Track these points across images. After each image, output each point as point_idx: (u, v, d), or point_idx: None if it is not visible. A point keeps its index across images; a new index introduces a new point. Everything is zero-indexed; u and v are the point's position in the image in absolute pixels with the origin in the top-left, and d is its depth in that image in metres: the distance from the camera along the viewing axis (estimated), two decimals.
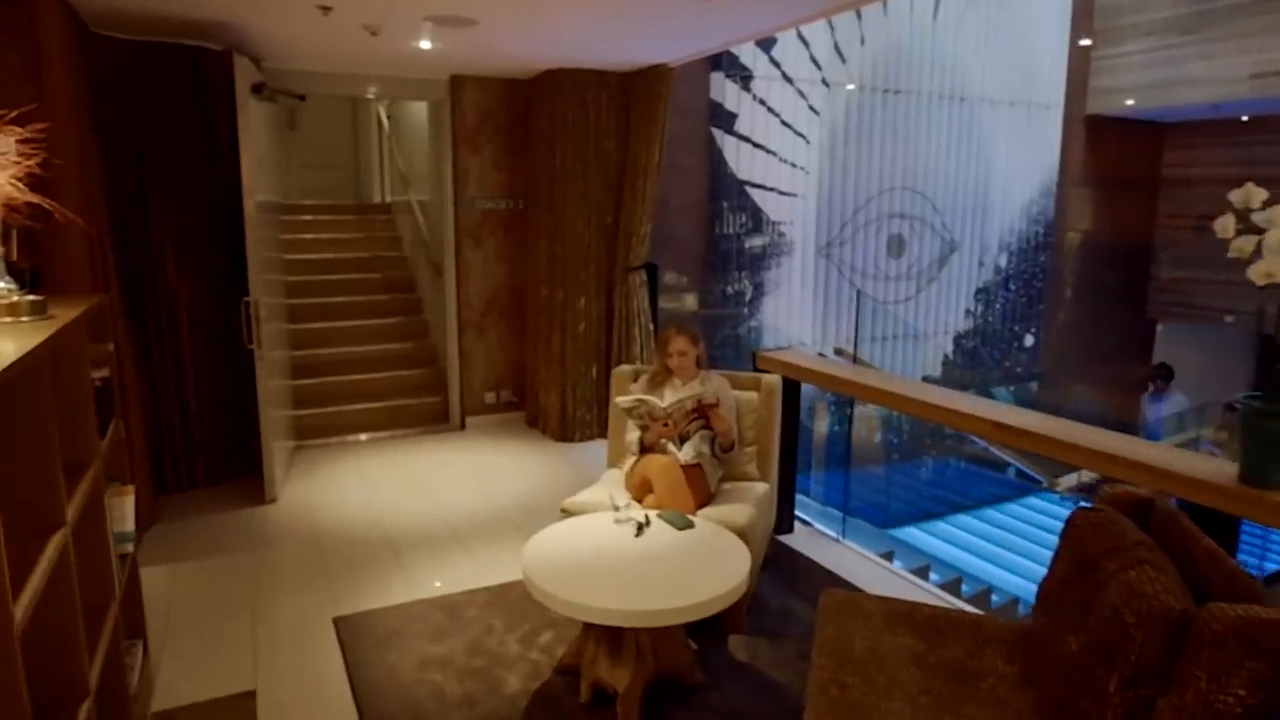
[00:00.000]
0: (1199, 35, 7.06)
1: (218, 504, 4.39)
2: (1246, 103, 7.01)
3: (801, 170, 6.32)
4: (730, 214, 6.01)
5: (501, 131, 5.65)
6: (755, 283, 6.28)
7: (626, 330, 5.51)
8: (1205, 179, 8.62)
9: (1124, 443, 2.50)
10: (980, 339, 7.64)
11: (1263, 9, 6.69)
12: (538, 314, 5.67)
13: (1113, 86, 7.89)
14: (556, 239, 5.40)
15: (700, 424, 3.31)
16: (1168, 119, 8.40)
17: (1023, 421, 2.73)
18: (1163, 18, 7.36)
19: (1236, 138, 8.28)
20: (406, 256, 7.30)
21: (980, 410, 2.94)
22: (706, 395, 3.25)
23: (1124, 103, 7.84)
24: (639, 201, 5.30)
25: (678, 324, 3.58)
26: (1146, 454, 2.37)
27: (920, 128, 7.00)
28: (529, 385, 5.90)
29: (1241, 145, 8.19)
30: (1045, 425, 2.70)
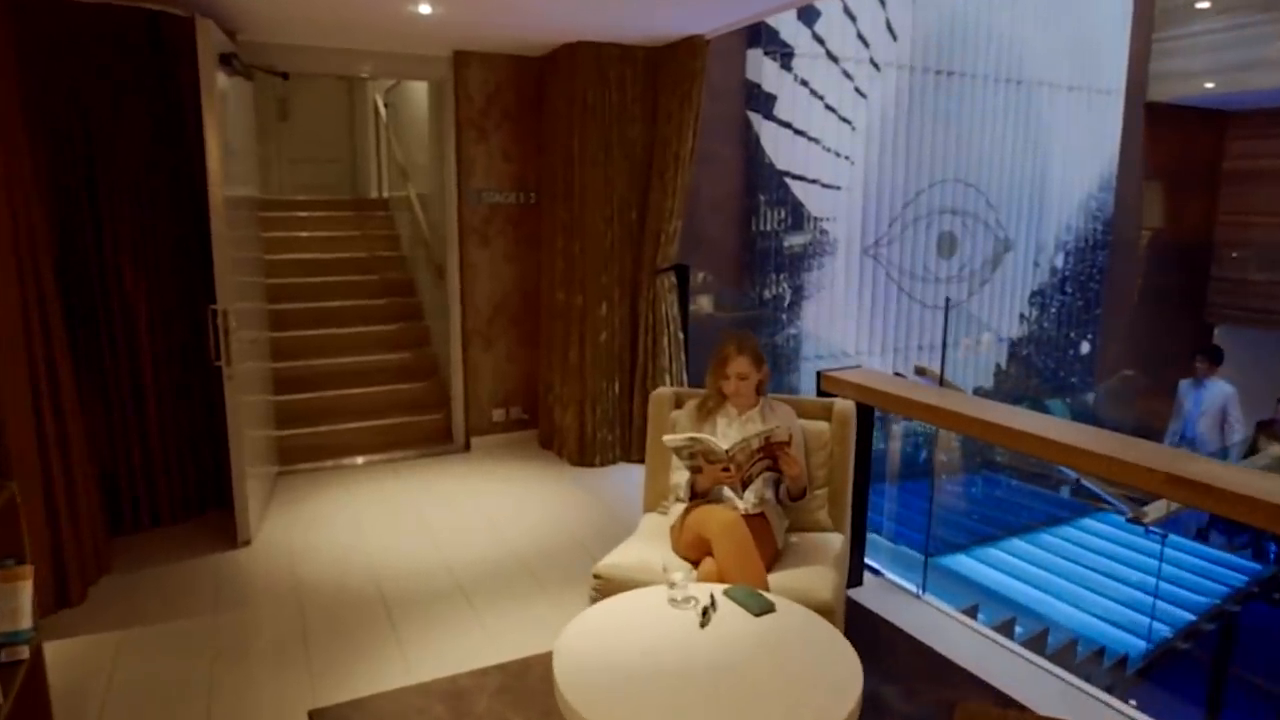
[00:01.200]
0: None
1: (181, 548, 3.75)
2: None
3: (846, 160, 5.68)
4: (768, 209, 5.37)
5: (511, 116, 5.01)
6: (794, 285, 5.64)
7: (654, 341, 4.86)
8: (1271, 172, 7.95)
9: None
10: (1035, 346, 7.00)
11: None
12: (552, 321, 5.03)
13: (1176, 71, 7.24)
14: (574, 237, 4.76)
15: (765, 464, 2.67)
16: (1233, 107, 7.74)
17: (1148, 459, 2.09)
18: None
19: None
20: (405, 256, 6.66)
21: (1116, 451, 2.30)
22: (777, 432, 2.60)
23: (1188, 89, 7.19)
24: (668, 195, 4.65)
25: (738, 339, 2.93)
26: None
27: (974, 113, 6.34)
28: (542, 402, 5.26)
29: None
30: (1172, 464, 2.08)
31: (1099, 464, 2.39)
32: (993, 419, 2.75)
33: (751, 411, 2.91)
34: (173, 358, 3.94)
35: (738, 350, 2.86)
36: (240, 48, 4.09)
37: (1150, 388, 7.39)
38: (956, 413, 2.89)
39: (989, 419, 2.75)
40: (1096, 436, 2.53)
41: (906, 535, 5.57)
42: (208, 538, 3.84)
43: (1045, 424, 2.69)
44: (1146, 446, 2.36)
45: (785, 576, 2.51)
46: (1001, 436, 2.74)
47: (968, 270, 6.51)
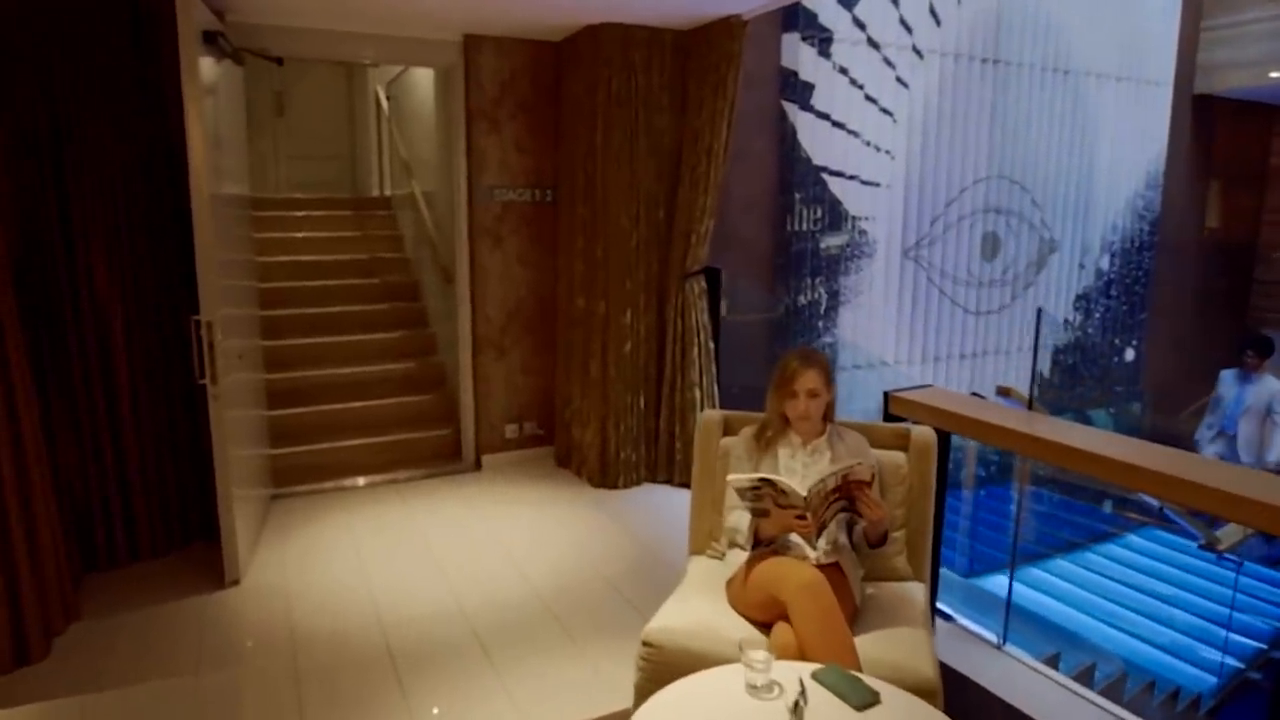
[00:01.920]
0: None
1: (163, 588, 3.34)
2: None
3: (886, 155, 5.28)
4: (803, 207, 4.96)
5: (526, 105, 4.60)
6: (831, 290, 5.24)
7: (682, 352, 4.45)
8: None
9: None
10: (1079, 353, 6.61)
11: None
12: (571, 330, 4.62)
13: (1224, 61, 6.84)
14: (596, 238, 4.35)
15: (840, 506, 2.26)
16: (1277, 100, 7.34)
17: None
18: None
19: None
20: (409, 258, 6.26)
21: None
22: (858, 470, 2.20)
23: (1238, 80, 6.79)
24: (700, 192, 4.24)
25: (802, 352, 2.52)
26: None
27: (1019, 105, 5.93)
28: (559, 417, 4.85)
29: None
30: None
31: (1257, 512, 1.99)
32: (1118, 456, 2.34)
33: (818, 441, 2.51)
34: (153, 370, 3.53)
35: (804, 363, 2.45)
36: (229, 29, 3.68)
37: (1196, 396, 6.98)
38: (1064, 446, 2.48)
39: (1112, 456, 2.34)
40: (1199, 465, 2.13)
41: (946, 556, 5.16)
42: (193, 575, 3.43)
43: (1187, 464, 2.28)
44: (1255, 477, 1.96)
45: (873, 644, 2.11)
46: (1132, 478, 2.33)
47: (1011, 273, 6.11)
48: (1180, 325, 7.24)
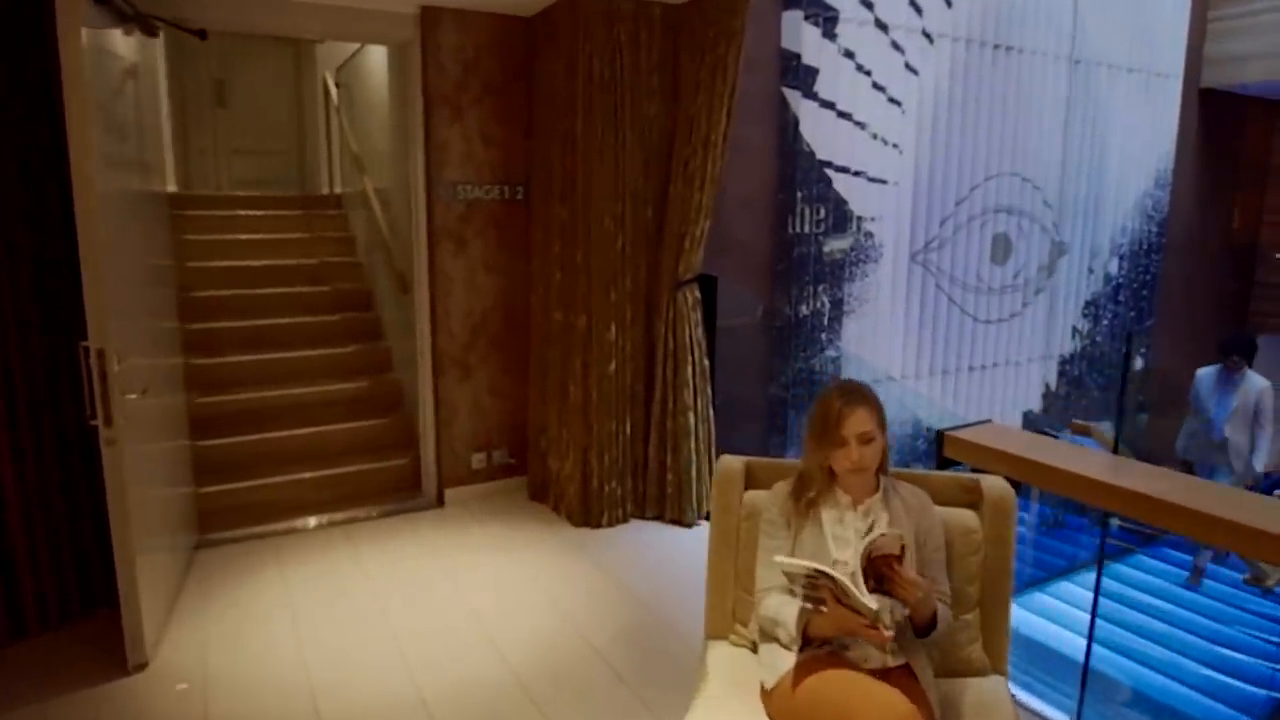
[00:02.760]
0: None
1: (48, 676, 2.71)
2: None
3: (894, 149, 4.79)
4: (805, 207, 4.46)
5: (494, 90, 4.02)
6: (834, 299, 4.75)
7: (674, 371, 3.92)
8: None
9: None
10: (1087, 363, 6.22)
11: None
12: (547, 346, 4.06)
13: (1231, 53, 6.50)
14: (575, 242, 3.79)
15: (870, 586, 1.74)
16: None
17: None
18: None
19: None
20: (362, 263, 5.64)
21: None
22: (882, 543, 1.72)
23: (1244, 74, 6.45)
24: (694, 189, 3.71)
25: (847, 389, 1.99)
26: None
27: (1031, 96, 5.49)
28: (533, 445, 4.28)
29: None
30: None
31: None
32: (1240, 519, 1.85)
33: (872, 500, 1.99)
34: (40, 406, 2.89)
35: (852, 401, 1.93)
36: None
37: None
38: (1166, 503, 1.99)
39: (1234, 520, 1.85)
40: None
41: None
42: (89, 657, 2.80)
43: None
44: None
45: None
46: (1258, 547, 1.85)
47: (1022, 278, 5.68)
48: (1187, 331, 6.89)
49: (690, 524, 3.99)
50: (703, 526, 4.00)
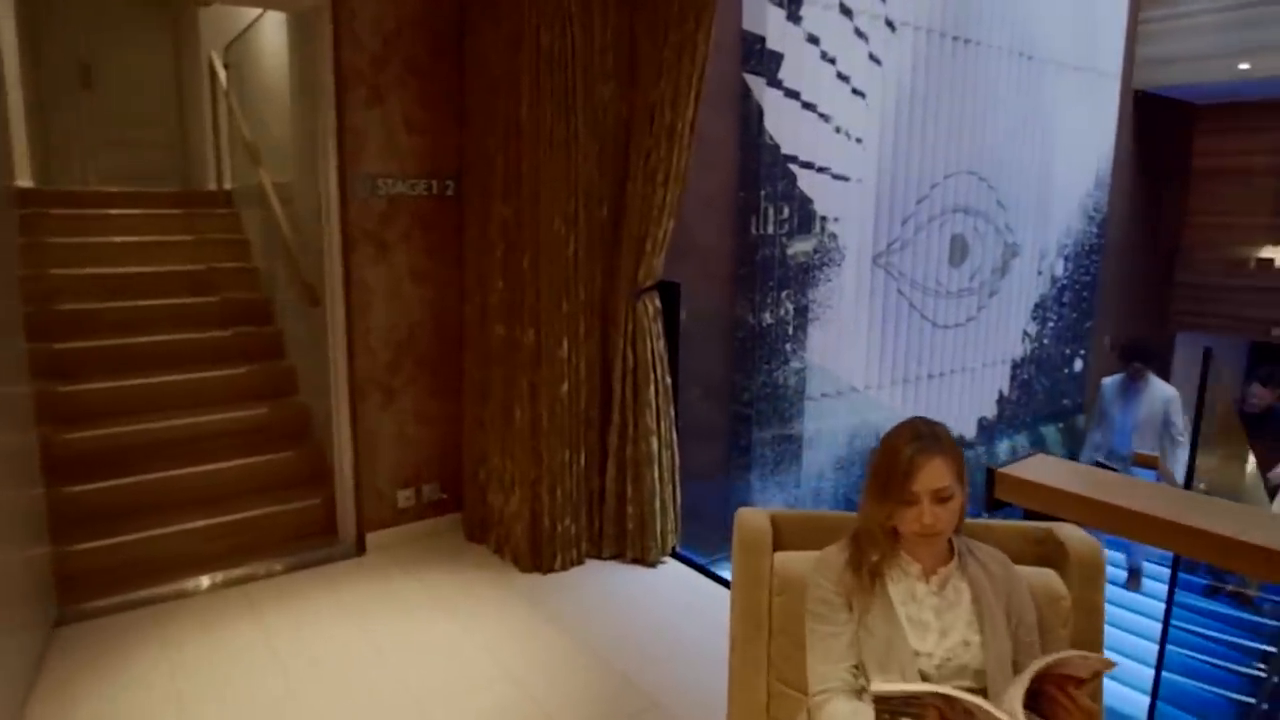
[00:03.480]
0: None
1: None
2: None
3: (857, 143, 4.47)
4: (769, 205, 4.07)
5: (420, 67, 3.47)
6: (799, 305, 4.38)
7: (634, 391, 3.45)
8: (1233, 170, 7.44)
9: None
10: (1035, 366, 6.09)
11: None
12: (486, 366, 3.53)
13: (1160, 56, 6.53)
14: (521, 246, 3.28)
15: None
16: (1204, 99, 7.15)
17: None
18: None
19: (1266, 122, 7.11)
20: (259, 270, 4.93)
21: None
22: (1074, 663, 1.30)
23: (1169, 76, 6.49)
24: (657, 185, 3.25)
25: (918, 431, 1.57)
26: None
27: (986, 92, 5.28)
28: (470, 477, 3.73)
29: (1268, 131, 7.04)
30: None
31: None
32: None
33: (947, 569, 1.59)
34: None
35: (926, 449, 1.52)
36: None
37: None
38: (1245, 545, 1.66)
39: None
40: None
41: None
42: None
43: None
44: None
45: None
46: None
47: (977, 281, 5.48)
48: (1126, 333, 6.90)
49: (654, 563, 3.54)
50: (669, 565, 3.56)
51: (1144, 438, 4.88)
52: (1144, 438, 4.88)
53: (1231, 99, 7.12)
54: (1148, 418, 4.85)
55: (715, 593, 3.36)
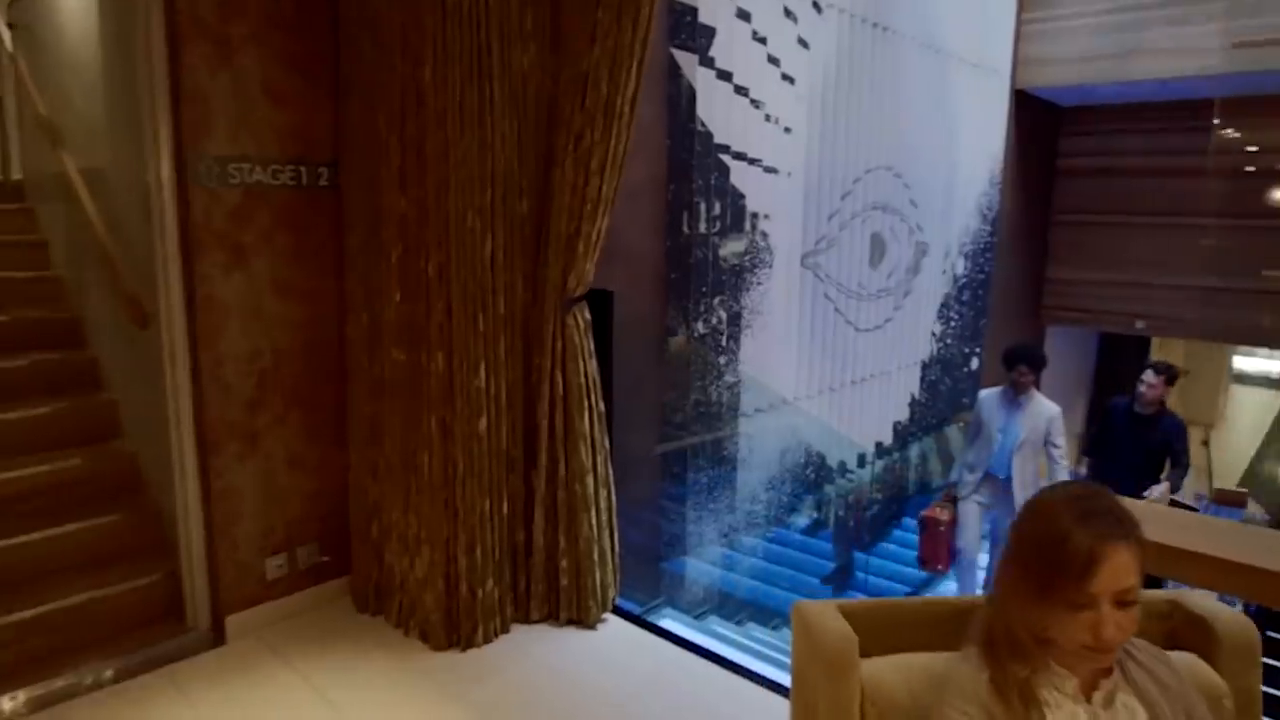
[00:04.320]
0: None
1: None
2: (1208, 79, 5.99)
3: (786, 133, 4.08)
4: (701, 201, 3.59)
5: (285, 18, 2.73)
6: (731, 313, 3.93)
7: (566, 422, 2.88)
8: (1095, 170, 7.75)
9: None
10: (941, 367, 5.98)
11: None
12: (380, 400, 2.84)
13: (1039, 56, 6.62)
14: (424, 247, 2.63)
15: None
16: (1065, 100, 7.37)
17: None
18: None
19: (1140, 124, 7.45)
20: (62, 279, 3.94)
21: None
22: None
23: (1048, 76, 6.60)
24: (590, 174, 2.69)
25: (1092, 507, 1.14)
26: None
27: (903, 84, 5.05)
28: (359, 533, 3.02)
29: (1149, 133, 7.35)
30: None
31: None
32: None
33: (1109, 682, 1.17)
34: None
35: (1107, 533, 1.11)
36: None
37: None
38: None
39: None
40: None
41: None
42: None
43: None
44: None
45: None
46: None
47: (893, 281, 5.26)
48: (1017, 331, 6.98)
49: (594, 624, 2.98)
50: (610, 623, 3.03)
51: (1025, 460, 4.36)
52: (1025, 460, 4.36)
53: (1093, 101, 7.39)
54: (1030, 436, 4.32)
55: (672, 656, 2.86)
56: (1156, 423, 4.40)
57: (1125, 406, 4.52)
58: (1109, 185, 7.65)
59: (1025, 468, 4.36)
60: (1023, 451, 4.34)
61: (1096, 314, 7.78)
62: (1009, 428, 4.36)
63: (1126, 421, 4.48)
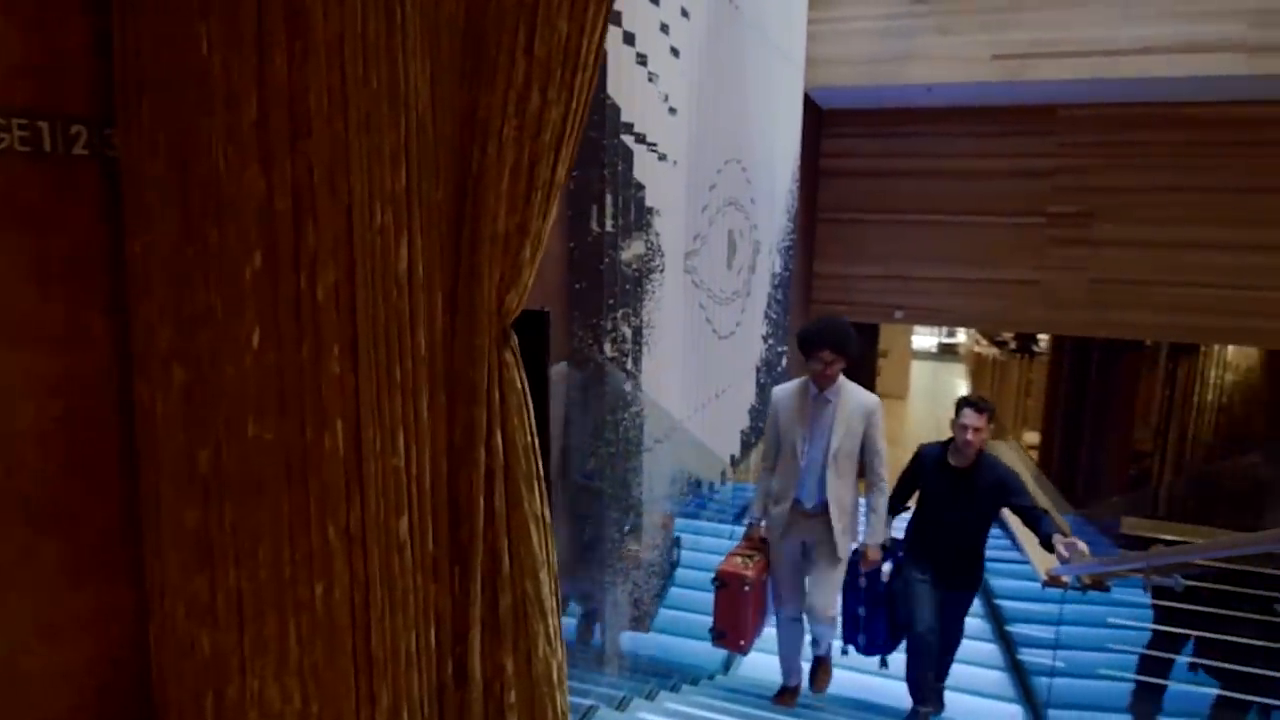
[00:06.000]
0: (936, 5, 6.22)
1: None
2: (976, 87, 6.44)
3: (671, 114, 3.39)
4: (609, 193, 2.80)
5: None
6: (634, 327, 3.18)
7: (509, 501, 2.03)
8: (859, 171, 8.19)
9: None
10: (766, 370, 5.72)
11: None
12: (211, 504, 1.75)
13: (825, 57, 6.69)
14: (302, 257, 1.62)
15: None
16: (825, 102, 7.64)
17: None
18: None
19: (895, 128, 7.95)
20: None
21: None
22: None
23: (834, 77, 6.71)
24: (543, 145, 1.88)
25: None
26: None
27: (745, 67, 4.61)
28: (182, 716, 1.88)
29: (904, 137, 7.86)
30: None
31: None
32: None
33: None
34: None
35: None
36: None
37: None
38: None
39: None
40: None
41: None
42: None
43: None
44: None
45: None
46: None
47: (740, 281, 4.84)
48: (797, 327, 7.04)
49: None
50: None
51: (841, 477, 3.34)
52: (841, 477, 3.34)
53: (847, 104, 7.76)
54: (846, 445, 3.30)
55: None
56: (978, 474, 3.47)
57: (937, 456, 3.55)
58: (866, 185, 8.10)
59: (843, 491, 3.36)
60: (837, 466, 3.31)
61: (860, 306, 8.21)
62: (815, 435, 3.31)
63: (940, 475, 3.53)
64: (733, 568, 3.49)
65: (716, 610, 3.55)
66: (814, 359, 3.24)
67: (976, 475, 3.47)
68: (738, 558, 3.56)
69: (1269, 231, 7.04)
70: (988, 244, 7.61)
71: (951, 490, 3.51)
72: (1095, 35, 6.02)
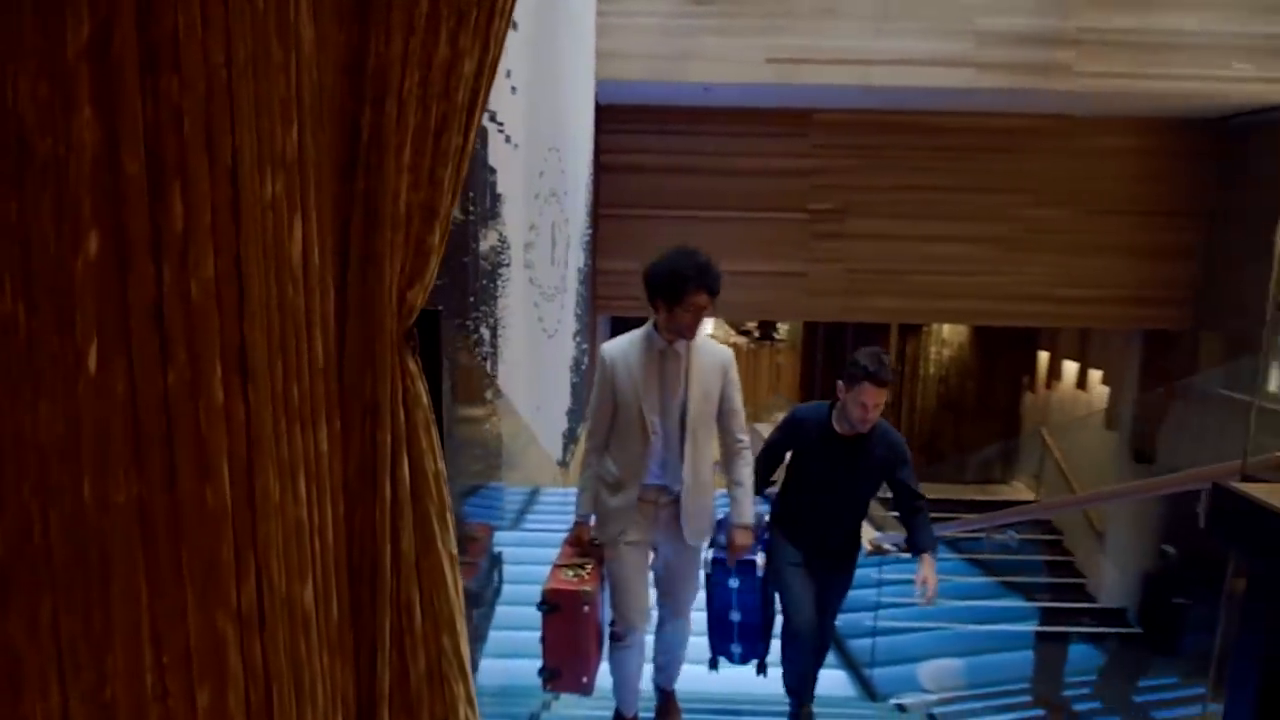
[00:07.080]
0: (716, 7, 6.32)
1: None
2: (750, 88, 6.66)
3: (513, 92, 2.96)
4: (471, 176, 2.39)
5: None
6: (492, 328, 2.74)
7: (421, 543, 1.67)
8: (634, 166, 8.24)
9: None
10: (576, 368, 5.44)
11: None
12: (24, 589, 1.21)
13: (609, 50, 6.55)
14: (165, 241, 1.16)
15: None
16: (603, 98, 7.58)
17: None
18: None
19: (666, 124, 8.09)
20: None
21: None
22: None
23: (618, 71, 6.60)
24: (456, 106, 1.55)
25: None
26: None
27: (559, 50, 4.28)
28: None
29: (680, 134, 8.00)
30: None
31: None
32: None
33: None
34: None
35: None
36: None
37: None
38: None
39: None
40: None
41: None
42: None
43: None
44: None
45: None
46: None
47: (560, 276, 4.51)
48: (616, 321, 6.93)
49: None
50: None
51: (699, 449, 2.75)
52: (699, 449, 2.75)
53: (623, 100, 7.79)
54: (704, 408, 2.73)
55: None
56: (871, 442, 2.95)
57: (820, 421, 3.00)
58: (646, 181, 8.18)
59: (702, 467, 2.75)
60: (695, 437, 2.70)
61: (643, 302, 8.27)
62: (666, 400, 2.68)
63: (825, 444, 3.00)
64: (564, 584, 2.73)
65: (546, 643, 2.77)
66: (683, 306, 2.59)
67: (870, 443, 2.92)
68: (566, 570, 2.80)
69: (984, 225, 8.19)
70: (761, 239, 8.04)
71: (837, 461, 2.95)
72: (853, 45, 6.57)
